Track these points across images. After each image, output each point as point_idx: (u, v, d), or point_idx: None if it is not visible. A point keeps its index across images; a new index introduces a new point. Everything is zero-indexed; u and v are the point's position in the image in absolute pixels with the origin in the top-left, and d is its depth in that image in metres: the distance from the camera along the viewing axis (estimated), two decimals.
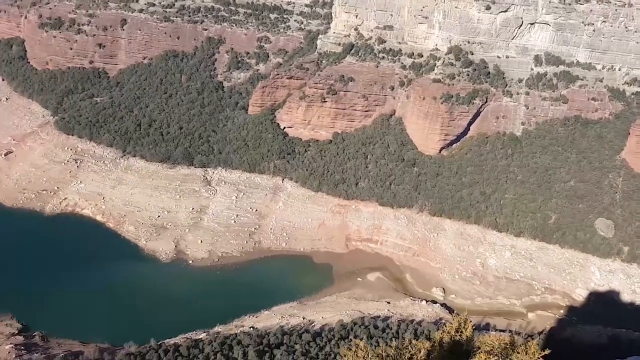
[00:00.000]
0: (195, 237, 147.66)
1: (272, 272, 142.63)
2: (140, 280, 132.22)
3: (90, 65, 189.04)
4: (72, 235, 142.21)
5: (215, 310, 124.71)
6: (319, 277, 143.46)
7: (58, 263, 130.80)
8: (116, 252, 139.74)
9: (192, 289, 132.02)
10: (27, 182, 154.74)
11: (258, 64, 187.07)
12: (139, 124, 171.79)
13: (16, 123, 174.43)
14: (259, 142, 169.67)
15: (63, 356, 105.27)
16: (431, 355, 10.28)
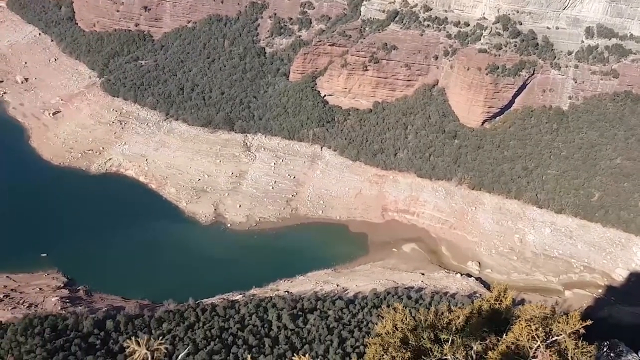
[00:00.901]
0: (234, 201, 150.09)
1: (307, 238, 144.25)
2: (181, 241, 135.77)
3: (136, 27, 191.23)
4: (116, 195, 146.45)
5: (251, 273, 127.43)
6: (354, 245, 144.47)
7: (102, 221, 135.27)
8: (158, 213, 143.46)
9: (230, 252, 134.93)
10: (74, 142, 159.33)
11: (300, 30, 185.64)
12: (182, 88, 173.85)
13: (64, 83, 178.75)
14: (299, 110, 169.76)
15: (105, 310, 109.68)
16: (469, 322, 10.48)
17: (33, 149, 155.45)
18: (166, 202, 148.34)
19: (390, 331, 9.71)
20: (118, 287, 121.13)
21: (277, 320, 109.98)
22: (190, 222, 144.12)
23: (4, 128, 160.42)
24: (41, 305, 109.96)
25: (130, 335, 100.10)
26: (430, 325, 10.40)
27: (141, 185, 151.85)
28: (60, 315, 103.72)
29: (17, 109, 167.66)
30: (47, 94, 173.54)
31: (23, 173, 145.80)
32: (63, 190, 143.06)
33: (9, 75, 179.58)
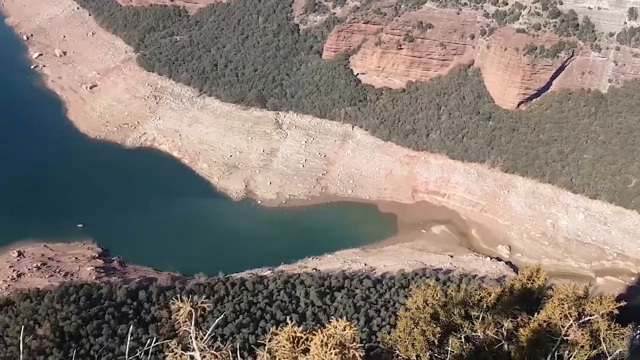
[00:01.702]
0: (265, 178, 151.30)
1: (336, 217, 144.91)
2: (212, 215, 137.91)
3: (171, 3, 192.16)
4: (150, 169, 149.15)
5: (280, 249, 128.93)
6: (383, 225, 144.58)
7: (136, 194, 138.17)
8: (190, 188, 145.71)
9: (260, 228, 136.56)
10: (109, 115, 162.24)
11: (335, 7, 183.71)
12: (216, 64, 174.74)
13: (101, 57, 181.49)
14: (331, 88, 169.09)
15: (138, 281, 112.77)
16: (501, 300, 10.54)
17: (70, 122, 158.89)
18: (198, 177, 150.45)
19: (421, 306, 9.89)
20: (151, 259, 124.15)
21: (304, 297, 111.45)
22: (222, 197, 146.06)
23: (43, 101, 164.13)
24: (77, 274, 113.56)
25: (162, 306, 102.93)
26: (461, 302, 10.54)
27: (174, 160, 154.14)
28: (94, 284, 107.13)
29: (56, 82, 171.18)
30: (84, 68, 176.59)
31: (61, 146, 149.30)
32: (99, 163, 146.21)
33: (48, 49, 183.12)
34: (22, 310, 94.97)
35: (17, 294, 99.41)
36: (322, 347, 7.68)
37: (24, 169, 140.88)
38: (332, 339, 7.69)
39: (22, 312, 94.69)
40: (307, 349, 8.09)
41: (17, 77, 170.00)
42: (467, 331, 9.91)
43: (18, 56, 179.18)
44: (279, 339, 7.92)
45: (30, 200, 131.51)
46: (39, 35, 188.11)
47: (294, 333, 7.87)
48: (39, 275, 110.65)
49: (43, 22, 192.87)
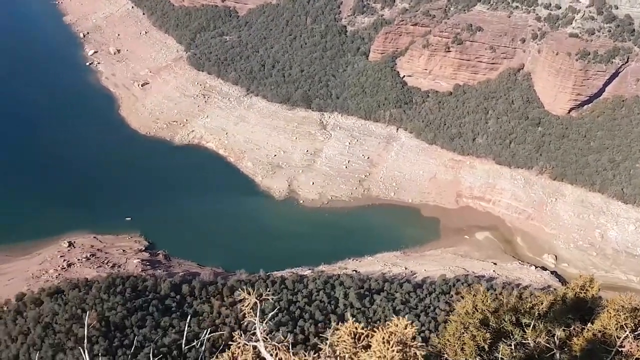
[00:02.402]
0: (308, 178, 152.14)
1: (378, 220, 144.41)
2: (255, 213, 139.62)
3: (222, 3, 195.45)
4: (197, 166, 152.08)
5: (320, 250, 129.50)
6: (425, 230, 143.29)
7: (183, 190, 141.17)
8: (234, 185, 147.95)
9: (301, 228, 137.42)
10: (159, 113, 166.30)
11: (383, 8, 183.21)
12: (263, 64, 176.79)
13: (153, 56, 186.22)
14: (377, 90, 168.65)
15: (182, 275, 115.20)
16: (553, 309, 10.46)
17: (122, 118, 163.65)
18: (243, 175, 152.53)
19: (470, 311, 9.95)
20: (194, 254, 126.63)
21: (343, 298, 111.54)
22: (265, 196, 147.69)
23: (97, 97, 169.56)
24: (123, 266, 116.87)
25: (204, 300, 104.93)
26: (512, 309, 10.54)
27: (220, 157, 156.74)
28: (140, 276, 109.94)
29: (109, 79, 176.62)
30: (137, 66, 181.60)
31: (113, 141, 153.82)
32: (148, 159, 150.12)
33: (103, 46, 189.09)
34: (70, 299, 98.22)
35: (67, 283, 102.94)
36: (384, 344, 7.86)
37: (77, 162, 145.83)
38: (393, 336, 7.86)
39: (70, 300, 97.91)
40: (368, 345, 8.28)
41: (73, 73, 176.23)
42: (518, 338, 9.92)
43: (75, 53, 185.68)
44: (340, 334, 8.14)
45: (82, 192, 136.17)
46: (95, 33, 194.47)
47: (355, 329, 8.10)
48: (87, 266, 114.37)
49: (99, 21, 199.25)
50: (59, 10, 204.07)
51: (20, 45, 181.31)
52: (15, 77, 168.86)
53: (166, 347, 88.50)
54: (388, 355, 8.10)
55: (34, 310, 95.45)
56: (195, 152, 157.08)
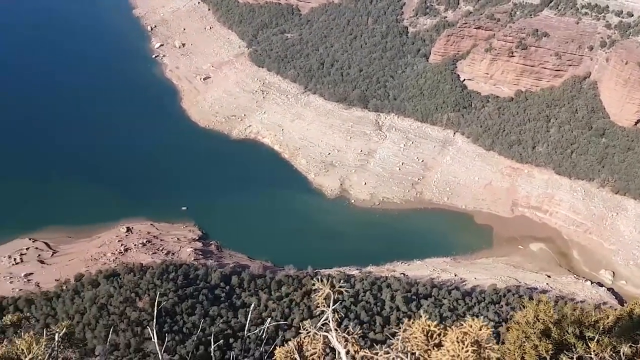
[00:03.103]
0: (360, 178, 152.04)
1: (429, 224, 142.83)
2: (306, 210, 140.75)
3: (286, 1, 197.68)
4: (252, 160, 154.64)
5: (369, 250, 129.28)
6: (477, 237, 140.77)
7: (238, 183, 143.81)
8: (288, 181, 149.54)
9: (351, 228, 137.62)
10: (219, 107, 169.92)
11: (447, 10, 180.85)
12: (322, 63, 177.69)
13: (216, 51, 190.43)
14: (435, 92, 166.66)
15: (232, 267, 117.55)
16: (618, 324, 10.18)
17: (184, 110, 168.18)
18: (296, 172, 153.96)
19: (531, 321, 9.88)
20: (245, 246, 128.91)
21: (390, 301, 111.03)
22: (316, 193, 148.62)
23: (160, 89, 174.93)
24: (177, 254, 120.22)
25: (252, 293, 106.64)
26: (575, 321, 10.39)
27: (275, 153, 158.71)
28: (192, 265, 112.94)
29: (173, 71, 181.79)
30: (200, 60, 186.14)
31: (173, 132, 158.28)
32: (206, 151, 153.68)
33: (169, 40, 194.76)
34: (125, 283, 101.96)
35: (123, 267, 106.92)
36: (458, 344, 7.94)
37: (139, 151, 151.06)
38: (467, 336, 7.93)
39: (125, 284, 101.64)
40: (440, 343, 8.38)
41: (140, 65, 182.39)
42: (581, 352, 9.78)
43: (142, 45, 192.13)
44: (413, 331, 8.29)
45: (142, 180, 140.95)
46: (162, 27, 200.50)
47: (428, 326, 8.23)
48: (143, 252, 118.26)
49: (166, 15, 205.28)
50: (130, 4, 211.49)
51: (92, 36, 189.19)
52: (86, 67, 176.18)
53: (213, 336, 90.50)
54: (462, 355, 8.18)
55: (91, 291, 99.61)
56: (251, 147, 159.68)
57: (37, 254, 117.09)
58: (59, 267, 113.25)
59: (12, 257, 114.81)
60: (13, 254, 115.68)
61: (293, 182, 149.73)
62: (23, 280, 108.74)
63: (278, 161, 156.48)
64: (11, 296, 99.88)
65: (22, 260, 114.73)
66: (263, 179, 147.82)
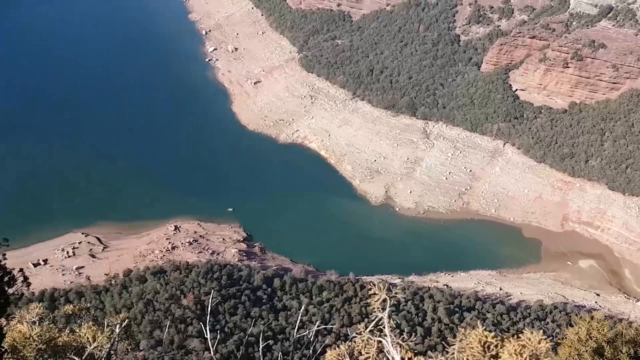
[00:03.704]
0: (406, 186, 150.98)
1: (475, 235, 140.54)
2: (349, 216, 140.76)
3: (338, 8, 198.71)
4: (298, 165, 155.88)
5: (412, 260, 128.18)
6: (524, 251, 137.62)
7: (283, 187, 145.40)
8: (332, 187, 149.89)
9: (395, 236, 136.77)
10: (268, 111, 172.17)
11: (500, 19, 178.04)
12: (372, 69, 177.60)
13: (267, 56, 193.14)
14: (486, 102, 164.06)
15: (275, 269, 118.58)
16: None
17: (234, 114, 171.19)
18: (341, 177, 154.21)
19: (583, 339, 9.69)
20: (288, 250, 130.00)
21: (432, 312, 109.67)
22: (361, 200, 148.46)
23: (212, 91, 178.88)
24: (222, 254, 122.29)
25: (294, 296, 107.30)
26: (630, 341, 10.14)
27: (321, 158, 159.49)
28: (236, 266, 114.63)
29: (225, 75, 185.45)
30: (251, 64, 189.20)
31: (223, 134, 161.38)
32: (254, 154, 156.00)
33: (222, 44, 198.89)
34: (171, 280, 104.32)
35: (170, 265, 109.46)
36: (516, 356, 7.87)
37: (189, 152, 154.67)
38: (525, 349, 7.85)
39: (171, 281, 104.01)
40: (497, 355, 8.32)
41: (194, 68, 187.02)
42: None
43: (196, 49, 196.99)
44: (469, 341, 8.28)
45: (191, 180, 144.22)
46: (216, 31, 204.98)
47: (485, 337, 8.22)
48: (189, 250, 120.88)
49: (221, 19, 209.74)
50: (186, 8, 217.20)
51: (149, 39, 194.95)
52: (143, 68, 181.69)
53: (254, 337, 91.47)
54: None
55: (138, 287, 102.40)
56: (297, 151, 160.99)
57: (88, 248, 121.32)
58: (109, 261, 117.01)
59: (65, 251, 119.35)
60: (66, 247, 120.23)
61: (338, 188, 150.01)
62: (74, 273, 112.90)
63: (324, 166, 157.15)
64: (63, 288, 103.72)
65: (74, 254, 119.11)
66: (308, 183, 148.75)
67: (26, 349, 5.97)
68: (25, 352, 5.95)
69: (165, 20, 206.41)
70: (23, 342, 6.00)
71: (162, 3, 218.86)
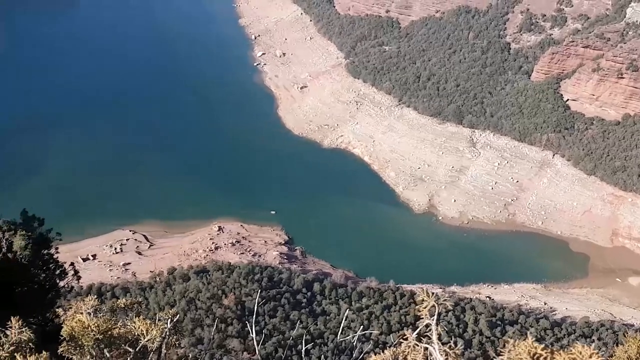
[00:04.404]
0: (450, 195, 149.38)
1: (520, 248, 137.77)
2: (391, 223, 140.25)
3: (386, 14, 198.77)
4: (341, 170, 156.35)
5: (454, 270, 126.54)
6: (571, 265, 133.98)
7: (325, 191, 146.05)
8: (375, 193, 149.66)
9: (437, 245, 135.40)
10: (313, 115, 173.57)
11: (553, 27, 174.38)
12: (419, 76, 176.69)
13: (314, 61, 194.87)
14: (536, 111, 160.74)
15: (315, 274, 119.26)
16: None
17: (279, 118, 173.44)
18: (384, 184, 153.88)
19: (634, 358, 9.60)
20: (329, 254, 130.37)
21: (473, 324, 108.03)
22: (403, 207, 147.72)
23: (259, 95, 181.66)
24: (263, 256, 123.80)
25: (333, 302, 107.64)
26: None
27: (364, 164, 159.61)
28: (277, 268, 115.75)
29: (272, 79, 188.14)
30: (298, 69, 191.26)
31: (268, 137, 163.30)
32: (298, 158, 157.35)
33: (271, 49, 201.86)
34: (213, 280, 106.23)
35: (212, 264, 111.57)
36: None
37: (234, 153, 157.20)
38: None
39: (213, 281, 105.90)
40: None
41: (242, 71, 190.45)
42: None
43: (245, 53, 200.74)
44: (519, 352, 8.34)
45: (235, 181, 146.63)
46: (265, 36, 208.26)
47: (534, 349, 8.29)
48: (232, 251, 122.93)
49: (270, 25, 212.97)
50: (236, 13, 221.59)
51: (200, 42, 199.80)
52: (193, 71, 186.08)
53: (292, 340, 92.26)
54: None
55: (181, 285, 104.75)
56: (341, 157, 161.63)
57: (135, 245, 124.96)
58: (154, 259, 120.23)
59: (113, 247, 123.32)
60: (114, 243, 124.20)
61: (380, 194, 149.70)
62: (121, 269, 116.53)
63: (367, 172, 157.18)
64: (109, 283, 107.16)
65: (121, 250, 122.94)
66: (351, 188, 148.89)
67: (84, 338, 6.64)
68: (83, 340, 6.64)
69: (216, 25, 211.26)
70: (82, 332, 6.67)
71: (216, 7, 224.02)
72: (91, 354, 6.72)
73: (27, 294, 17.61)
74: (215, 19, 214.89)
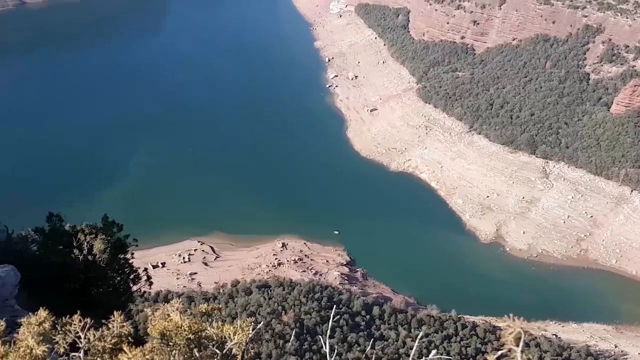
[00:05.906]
0: (519, 226, 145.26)
1: (592, 285, 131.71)
2: (456, 251, 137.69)
3: (461, 40, 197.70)
4: (407, 194, 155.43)
5: (520, 303, 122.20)
6: None
7: (390, 215, 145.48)
8: (440, 219, 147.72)
9: (503, 276, 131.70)
10: (382, 138, 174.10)
11: (636, 59, 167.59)
12: (491, 104, 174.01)
13: (385, 85, 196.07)
14: (614, 145, 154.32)
15: (375, 297, 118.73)
16: None
17: (348, 139, 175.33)
18: (450, 211, 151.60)
19: None
20: (390, 278, 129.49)
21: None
22: (469, 236, 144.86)
23: (330, 116, 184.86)
24: (325, 275, 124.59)
25: (392, 327, 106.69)
26: None
27: (431, 190, 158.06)
28: (337, 289, 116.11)
29: (343, 101, 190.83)
30: (369, 92, 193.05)
31: (336, 158, 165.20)
32: (364, 180, 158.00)
33: (343, 72, 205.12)
34: (274, 295, 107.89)
35: (274, 280, 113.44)
36: None
37: (302, 172, 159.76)
38: None
39: (274, 296, 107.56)
40: None
41: (315, 92, 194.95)
42: None
43: (319, 75, 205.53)
44: None
45: (302, 199, 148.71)
46: (338, 59, 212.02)
47: None
48: (294, 268, 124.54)
49: (344, 48, 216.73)
50: (312, 36, 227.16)
51: (278, 62, 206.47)
52: (268, 90, 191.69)
53: None
54: None
55: (244, 298, 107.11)
56: (407, 181, 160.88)
57: (202, 256, 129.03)
58: (219, 271, 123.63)
59: (181, 256, 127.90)
60: (183, 253, 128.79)
61: (446, 221, 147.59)
62: (188, 278, 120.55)
63: (433, 198, 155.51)
64: (176, 291, 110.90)
65: (189, 260, 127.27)
66: (416, 213, 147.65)
67: (177, 337, 7.64)
68: (176, 339, 7.63)
69: (293, 46, 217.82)
70: (175, 331, 7.69)
71: (293, 30, 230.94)
72: (181, 352, 7.71)
73: (103, 295, 19.26)
74: (292, 41, 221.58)
